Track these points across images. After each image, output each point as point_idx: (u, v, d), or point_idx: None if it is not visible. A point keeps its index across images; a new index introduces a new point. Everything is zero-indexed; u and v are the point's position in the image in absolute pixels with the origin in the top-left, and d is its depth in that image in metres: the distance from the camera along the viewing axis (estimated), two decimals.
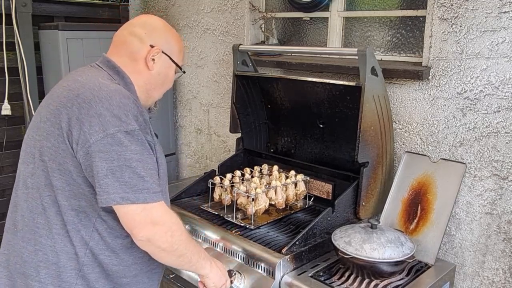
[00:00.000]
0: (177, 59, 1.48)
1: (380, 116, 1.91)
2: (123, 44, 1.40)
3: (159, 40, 1.41)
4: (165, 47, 1.42)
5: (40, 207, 1.27)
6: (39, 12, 3.04)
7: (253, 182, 1.99)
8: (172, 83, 1.53)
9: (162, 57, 1.42)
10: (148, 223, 1.21)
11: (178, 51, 1.48)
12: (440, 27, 1.92)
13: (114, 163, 1.17)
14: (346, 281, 1.64)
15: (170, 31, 1.46)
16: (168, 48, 1.43)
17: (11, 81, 2.94)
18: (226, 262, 1.78)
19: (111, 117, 1.19)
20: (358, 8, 2.37)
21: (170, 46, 1.44)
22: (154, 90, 1.46)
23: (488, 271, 1.90)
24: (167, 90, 1.53)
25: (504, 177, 1.82)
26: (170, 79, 1.49)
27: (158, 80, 1.44)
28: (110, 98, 1.22)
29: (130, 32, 1.41)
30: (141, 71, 1.40)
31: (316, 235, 1.82)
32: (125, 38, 1.40)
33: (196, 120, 3.22)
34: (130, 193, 1.18)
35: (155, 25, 1.44)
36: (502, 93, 1.78)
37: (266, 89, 2.36)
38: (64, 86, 1.31)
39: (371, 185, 1.96)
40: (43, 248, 1.28)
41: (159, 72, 1.43)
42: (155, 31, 1.42)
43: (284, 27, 2.71)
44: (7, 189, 3.09)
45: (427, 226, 1.84)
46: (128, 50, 1.39)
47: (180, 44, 1.49)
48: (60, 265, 1.27)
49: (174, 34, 1.48)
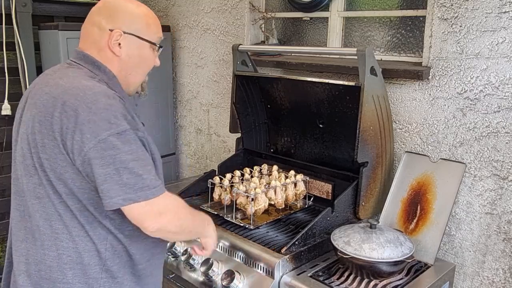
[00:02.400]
0: (146, 34, 1.36)
1: (379, 116, 1.91)
2: (87, 35, 1.36)
3: (118, 22, 1.32)
4: (126, 26, 1.33)
5: (56, 214, 1.29)
6: (39, 12, 3.04)
7: (253, 182, 1.99)
8: (154, 60, 1.43)
9: (127, 38, 1.33)
10: (155, 216, 1.24)
11: (146, 25, 1.36)
12: (440, 27, 1.92)
13: (110, 167, 1.17)
14: (345, 281, 1.63)
15: (130, 8, 1.35)
16: (132, 27, 1.33)
17: (11, 81, 2.94)
18: (226, 262, 1.79)
19: (100, 122, 1.18)
20: (358, 8, 2.37)
21: (134, 24, 1.34)
22: (131, 75, 1.39)
23: (488, 271, 1.90)
24: (149, 69, 1.44)
25: (504, 177, 1.81)
26: (147, 58, 1.40)
27: (131, 63, 1.37)
28: (96, 102, 1.20)
29: (89, 21, 1.36)
30: (111, 59, 1.34)
31: (315, 235, 1.82)
32: (87, 29, 1.36)
33: (196, 120, 3.22)
34: (131, 193, 1.19)
35: (113, 6, 1.34)
36: (502, 93, 1.78)
37: (266, 89, 2.36)
38: (47, 92, 1.27)
39: (371, 185, 1.96)
40: (66, 251, 1.30)
41: (129, 55, 1.35)
42: (113, 13, 1.33)
43: (284, 27, 2.71)
44: (7, 189, 3.09)
45: (427, 226, 1.84)
46: (92, 40, 1.34)
47: (148, 18, 1.38)
48: (85, 264, 1.30)
49: (137, 8, 1.36)
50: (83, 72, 1.31)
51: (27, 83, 2.94)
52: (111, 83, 1.32)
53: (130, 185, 1.19)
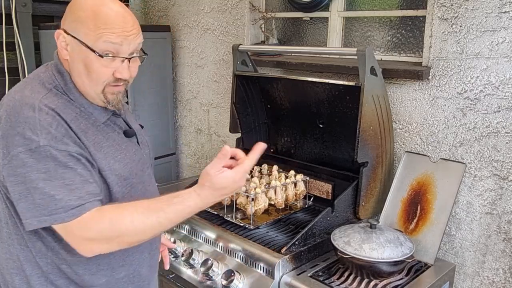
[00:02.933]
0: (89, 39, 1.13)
1: (379, 116, 1.91)
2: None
3: (66, 21, 1.16)
4: (70, 27, 1.14)
5: (4, 218, 1.24)
6: (39, 12, 3.04)
7: (253, 182, 1.99)
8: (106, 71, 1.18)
9: (70, 41, 1.16)
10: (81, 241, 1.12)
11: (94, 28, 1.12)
12: (440, 27, 1.92)
13: (22, 186, 1.09)
14: (345, 281, 1.63)
15: (84, 5, 1.14)
16: (75, 28, 1.13)
17: (11, 81, 2.93)
18: (226, 262, 1.79)
19: (15, 136, 1.09)
20: (358, 8, 2.37)
21: (78, 24, 1.13)
22: (78, 82, 1.20)
23: (488, 271, 1.90)
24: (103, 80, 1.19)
25: (504, 177, 1.81)
26: (91, 67, 1.16)
27: (76, 69, 1.19)
28: (18, 115, 1.10)
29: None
30: (64, 62, 1.22)
31: (315, 235, 1.82)
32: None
33: (196, 120, 3.22)
34: (46, 215, 1.09)
35: (71, 3, 1.18)
36: (502, 93, 1.78)
37: (266, 89, 2.36)
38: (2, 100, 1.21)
39: (371, 185, 1.96)
40: (12, 257, 1.25)
41: (73, 60, 1.17)
42: (69, 7, 1.17)
43: (284, 27, 2.71)
44: None
45: (427, 226, 1.84)
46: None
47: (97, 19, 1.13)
48: (27, 274, 1.24)
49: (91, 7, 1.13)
50: (44, 76, 1.22)
51: None
52: (66, 88, 1.20)
53: (43, 206, 1.09)
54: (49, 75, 1.22)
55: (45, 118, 1.11)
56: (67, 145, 1.12)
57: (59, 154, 1.10)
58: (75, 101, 1.20)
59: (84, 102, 1.22)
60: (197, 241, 1.94)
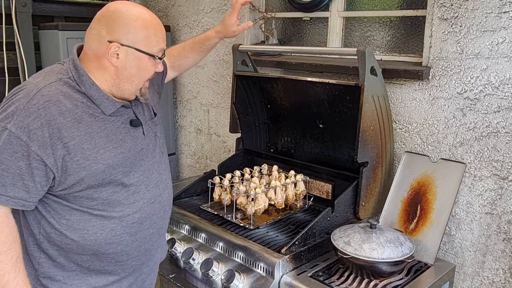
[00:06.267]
0: (145, 46, 1.37)
1: (379, 116, 1.91)
2: (88, 40, 1.39)
3: (117, 34, 1.33)
4: (125, 39, 1.34)
5: None
6: (39, 12, 3.04)
7: (253, 182, 1.99)
8: (152, 70, 1.43)
9: (125, 51, 1.35)
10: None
11: (145, 38, 1.36)
12: (440, 27, 1.92)
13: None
14: (345, 281, 1.63)
15: (131, 19, 1.35)
16: (130, 39, 1.34)
17: (11, 81, 2.93)
18: (226, 262, 1.79)
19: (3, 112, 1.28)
20: (358, 8, 2.37)
21: (132, 36, 1.34)
22: (126, 83, 1.40)
23: (488, 271, 1.90)
24: (148, 77, 1.44)
25: (504, 177, 1.81)
26: (144, 68, 1.40)
27: (127, 73, 1.38)
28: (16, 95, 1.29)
29: (91, 27, 1.38)
30: (107, 67, 1.37)
31: (315, 235, 1.82)
32: (89, 35, 1.39)
33: (196, 120, 3.22)
34: None
35: (114, 16, 1.35)
36: (502, 93, 1.78)
37: (266, 89, 2.36)
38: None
39: (371, 185, 1.96)
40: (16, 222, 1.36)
41: (125, 66, 1.37)
42: (113, 23, 1.34)
43: (284, 27, 2.71)
44: None
45: (427, 226, 1.84)
46: (90, 47, 1.37)
47: (149, 29, 1.37)
48: (24, 239, 1.39)
49: (138, 20, 1.36)
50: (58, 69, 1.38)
51: None
52: (80, 81, 1.35)
53: None
54: (65, 68, 1.38)
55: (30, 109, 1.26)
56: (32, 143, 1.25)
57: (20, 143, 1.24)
58: (85, 92, 1.35)
59: (94, 95, 1.36)
60: (197, 241, 1.94)
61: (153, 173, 1.51)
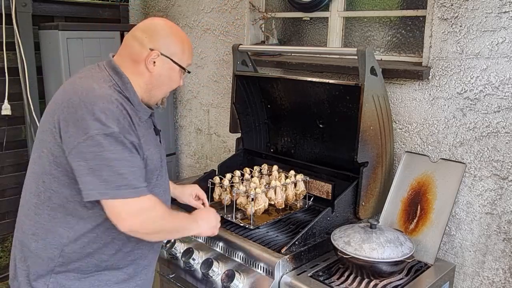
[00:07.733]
0: (180, 60, 1.51)
1: (379, 116, 1.91)
2: (127, 47, 1.49)
3: (159, 44, 1.46)
4: (165, 49, 1.47)
5: (36, 190, 1.43)
6: (39, 12, 3.04)
7: (253, 182, 1.99)
8: (179, 82, 1.57)
9: (162, 60, 1.47)
10: (129, 216, 1.34)
11: (181, 52, 1.51)
12: (440, 27, 1.92)
13: (93, 162, 1.29)
14: (345, 281, 1.63)
15: (172, 33, 1.50)
16: (169, 50, 1.48)
17: (11, 81, 2.94)
18: (226, 262, 1.79)
19: (93, 121, 1.29)
20: (358, 8, 2.37)
21: (171, 48, 1.48)
22: (157, 90, 1.52)
23: (488, 271, 1.90)
24: (173, 89, 1.58)
25: (504, 177, 1.81)
26: (174, 79, 1.54)
27: (159, 81, 1.50)
28: (94, 104, 1.31)
29: (133, 36, 1.49)
30: (142, 72, 1.47)
31: (315, 235, 1.82)
32: (129, 41, 1.49)
33: (196, 120, 3.22)
34: (109, 189, 1.29)
35: (157, 28, 1.49)
36: (502, 93, 1.78)
37: (266, 89, 2.36)
38: (64, 88, 1.44)
39: (371, 185, 1.96)
40: (36, 224, 1.43)
41: (160, 74, 1.49)
42: (156, 34, 1.47)
43: (284, 27, 2.71)
44: (7, 189, 3.09)
45: (427, 226, 1.84)
46: (130, 52, 1.47)
47: (184, 45, 1.53)
48: (47, 242, 1.42)
49: (177, 35, 1.51)
50: (101, 75, 1.43)
51: (27, 83, 2.94)
52: (124, 87, 1.43)
53: (110, 182, 1.29)
54: (106, 75, 1.44)
55: (116, 111, 1.33)
56: (130, 135, 1.35)
57: (126, 141, 1.33)
58: (129, 99, 1.43)
59: (135, 101, 1.45)
60: (197, 241, 1.94)
61: (167, 178, 1.64)
